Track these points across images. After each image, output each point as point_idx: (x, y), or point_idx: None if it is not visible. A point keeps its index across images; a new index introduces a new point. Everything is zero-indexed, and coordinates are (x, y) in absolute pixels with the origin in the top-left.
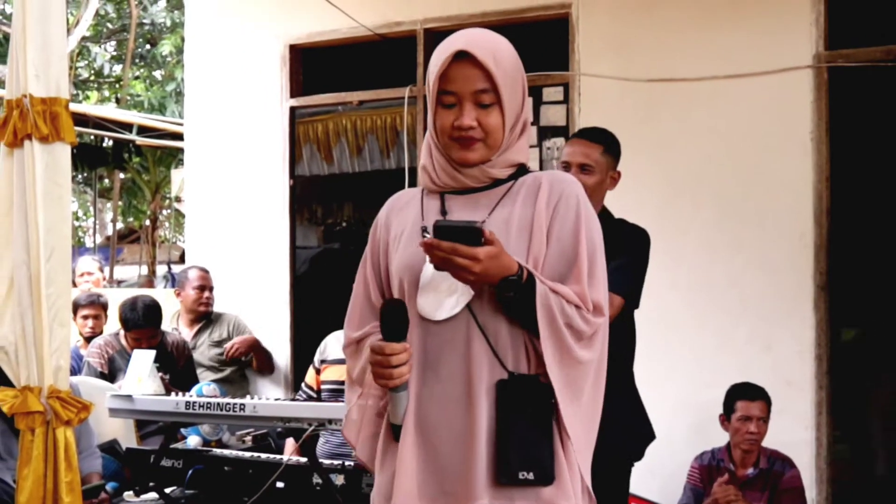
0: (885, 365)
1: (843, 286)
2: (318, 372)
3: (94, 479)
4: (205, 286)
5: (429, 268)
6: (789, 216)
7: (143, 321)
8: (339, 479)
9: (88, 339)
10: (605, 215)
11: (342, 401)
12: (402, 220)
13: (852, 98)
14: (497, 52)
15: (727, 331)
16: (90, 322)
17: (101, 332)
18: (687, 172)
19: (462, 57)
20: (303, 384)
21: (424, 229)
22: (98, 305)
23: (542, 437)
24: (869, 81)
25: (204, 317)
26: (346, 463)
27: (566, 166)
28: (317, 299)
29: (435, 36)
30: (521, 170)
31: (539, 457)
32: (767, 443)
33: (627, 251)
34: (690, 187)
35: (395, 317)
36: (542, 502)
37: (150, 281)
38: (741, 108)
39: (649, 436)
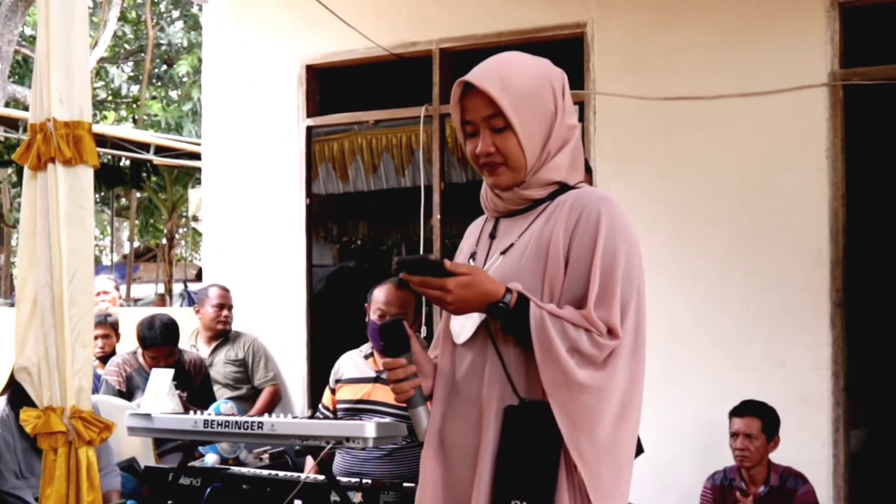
0: None
1: (859, 303)
2: (333, 392)
3: (114, 497)
4: (223, 304)
5: None
6: (805, 233)
7: (160, 340)
8: (356, 497)
9: (101, 359)
10: None
11: (358, 419)
12: (465, 247)
13: (867, 115)
14: (506, 75)
15: (743, 348)
16: (100, 342)
17: (112, 352)
18: (702, 190)
19: (471, 87)
20: (320, 405)
21: (473, 255)
22: (107, 325)
23: (545, 467)
24: (884, 99)
25: (222, 334)
26: (364, 480)
27: None
28: (333, 317)
29: (451, 56)
30: (563, 188)
31: (537, 486)
32: (784, 460)
33: None
34: (706, 204)
35: (390, 333)
36: None
37: (162, 299)
38: (756, 125)
39: (638, 449)
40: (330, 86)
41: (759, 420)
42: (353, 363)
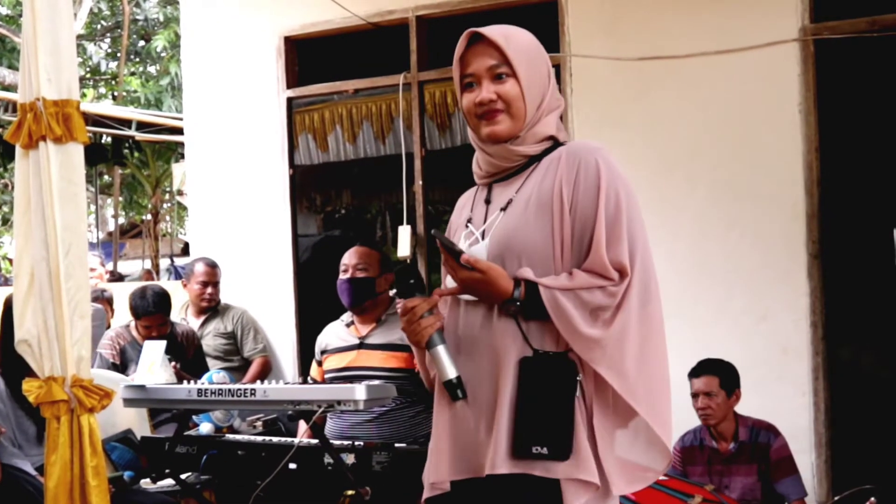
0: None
1: (835, 254)
2: (319, 364)
3: None
4: (208, 282)
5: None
6: (781, 187)
7: (153, 308)
8: (349, 459)
9: None
10: None
11: (347, 384)
12: (459, 214)
13: (839, 69)
14: (509, 33)
15: (723, 303)
16: None
17: (107, 326)
18: (679, 148)
19: (475, 41)
20: (308, 379)
21: (469, 221)
22: (103, 300)
23: (562, 414)
24: (854, 52)
25: (210, 308)
26: (356, 443)
27: None
28: (319, 286)
29: (427, 23)
30: (556, 143)
31: (555, 432)
32: (766, 409)
33: None
34: (683, 163)
35: (405, 275)
36: (555, 474)
37: (149, 275)
38: (731, 83)
39: None
40: (308, 56)
41: (716, 377)
42: (336, 333)
